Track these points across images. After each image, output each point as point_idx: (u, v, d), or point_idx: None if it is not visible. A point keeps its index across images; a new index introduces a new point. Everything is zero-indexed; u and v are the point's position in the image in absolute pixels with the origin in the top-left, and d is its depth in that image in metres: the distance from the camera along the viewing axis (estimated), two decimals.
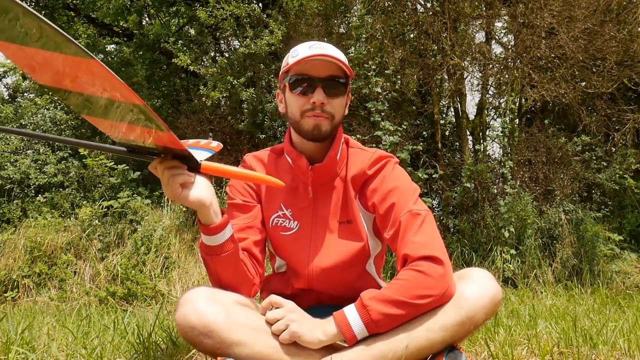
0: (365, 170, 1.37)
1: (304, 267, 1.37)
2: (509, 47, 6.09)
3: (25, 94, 12.38)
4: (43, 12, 7.40)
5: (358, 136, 4.93)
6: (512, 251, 4.81)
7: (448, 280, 1.16)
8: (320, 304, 1.42)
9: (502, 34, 6.28)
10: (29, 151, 6.66)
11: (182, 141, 1.42)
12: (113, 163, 5.56)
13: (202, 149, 1.33)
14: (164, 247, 4.82)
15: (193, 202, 1.15)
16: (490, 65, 5.79)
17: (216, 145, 1.39)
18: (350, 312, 1.14)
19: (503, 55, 5.99)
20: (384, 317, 1.12)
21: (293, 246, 1.39)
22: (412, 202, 1.29)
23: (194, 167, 1.15)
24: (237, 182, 1.44)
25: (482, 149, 5.44)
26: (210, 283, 1.32)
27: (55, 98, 8.24)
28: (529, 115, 6.26)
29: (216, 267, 1.25)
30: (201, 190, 1.16)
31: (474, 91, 6.47)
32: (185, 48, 6.53)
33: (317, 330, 1.14)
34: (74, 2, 7.34)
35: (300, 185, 1.40)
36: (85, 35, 7.07)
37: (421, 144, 5.66)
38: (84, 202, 5.51)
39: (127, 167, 5.59)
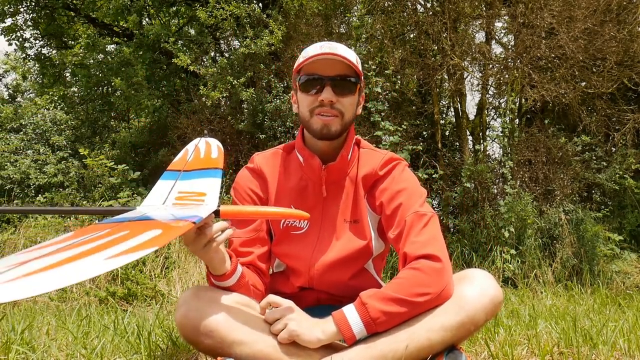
0: (377, 170, 1.38)
1: (306, 263, 1.38)
2: (509, 47, 6.09)
3: (25, 94, 12.39)
4: (43, 12, 7.41)
5: (358, 136, 4.93)
6: (512, 251, 4.81)
7: (446, 278, 1.16)
8: (319, 304, 1.42)
9: (502, 34, 6.28)
10: (29, 151, 6.66)
11: (180, 156, 1.40)
12: (113, 163, 5.57)
13: (208, 172, 1.30)
14: (164, 247, 4.82)
15: (217, 259, 1.19)
16: (490, 65, 5.80)
17: (217, 154, 1.37)
18: (349, 311, 1.15)
19: (503, 55, 5.99)
20: (382, 314, 1.12)
21: (300, 245, 1.39)
22: (419, 204, 1.29)
23: (214, 214, 1.14)
24: (242, 189, 1.42)
25: (482, 149, 5.44)
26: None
27: (55, 98, 8.24)
28: (529, 115, 6.26)
29: None
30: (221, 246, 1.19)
31: (474, 91, 6.48)
32: (185, 48, 6.53)
33: (316, 329, 1.14)
34: (74, 2, 7.34)
35: (309, 184, 1.40)
36: (85, 35, 7.07)
37: (421, 144, 5.66)
38: (84, 202, 5.51)
39: (127, 167, 5.59)
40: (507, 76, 5.74)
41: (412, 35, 6.11)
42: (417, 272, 1.16)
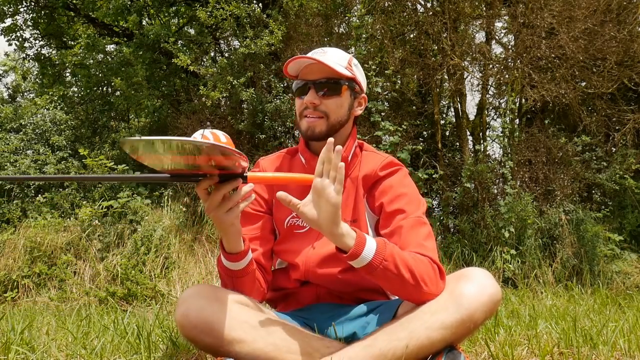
0: (377, 171, 1.40)
1: (302, 257, 1.40)
2: (509, 47, 6.09)
3: (25, 94, 12.38)
4: (43, 12, 7.40)
5: (358, 136, 4.93)
6: (512, 251, 4.81)
7: (442, 287, 1.21)
8: (319, 301, 1.43)
9: (502, 34, 6.28)
10: (28, 151, 6.66)
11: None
12: (113, 163, 5.56)
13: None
14: (164, 247, 4.82)
15: (235, 230, 1.19)
16: (490, 65, 5.79)
17: (226, 140, 1.40)
18: (371, 239, 1.14)
19: (503, 55, 5.99)
20: (392, 266, 1.12)
21: (301, 242, 1.42)
22: (421, 212, 1.34)
23: (242, 179, 1.14)
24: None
25: (482, 149, 5.44)
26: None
27: (55, 98, 8.24)
28: (529, 116, 6.25)
29: (234, 285, 1.29)
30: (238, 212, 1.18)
31: (474, 91, 6.48)
32: (185, 48, 6.53)
33: (337, 219, 1.11)
34: (74, 2, 7.34)
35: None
36: (85, 35, 7.07)
37: (421, 144, 5.66)
38: (84, 202, 5.51)
39: (127, 167, 5.58)
40: (507, 76, 5.73)
41: (412, 35, 6.11)
42: (430, 267, 1.18)
